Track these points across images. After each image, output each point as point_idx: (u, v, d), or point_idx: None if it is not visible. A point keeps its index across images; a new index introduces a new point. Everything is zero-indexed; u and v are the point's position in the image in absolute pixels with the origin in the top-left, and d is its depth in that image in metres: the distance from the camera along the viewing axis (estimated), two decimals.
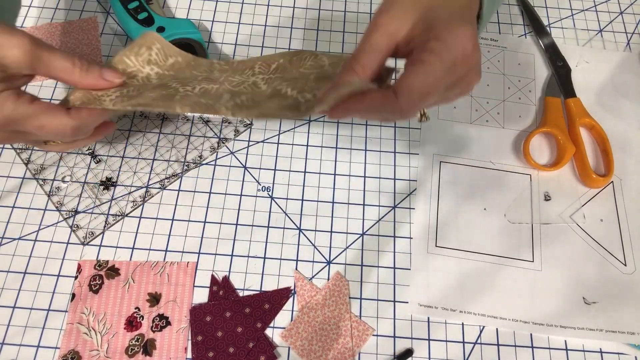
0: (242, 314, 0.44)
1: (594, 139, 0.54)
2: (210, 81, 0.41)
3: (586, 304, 0.46)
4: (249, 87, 0.40)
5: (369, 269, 0.47)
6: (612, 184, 0.52)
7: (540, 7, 0.62)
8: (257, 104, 0.37)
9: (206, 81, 0.41)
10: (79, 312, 0.44)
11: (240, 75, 0.42)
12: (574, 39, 0.60)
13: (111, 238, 0.47)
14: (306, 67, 0.41)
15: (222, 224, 0.48)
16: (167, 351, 0.43)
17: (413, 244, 0.48)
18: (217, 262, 0.47)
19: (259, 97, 0.37)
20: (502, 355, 0.44)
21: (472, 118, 0.55)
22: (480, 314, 0.45)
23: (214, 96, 0.38)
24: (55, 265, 0.46)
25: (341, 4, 0.61)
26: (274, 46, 0.58)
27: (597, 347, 0.45)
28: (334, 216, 0.49)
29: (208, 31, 0.58)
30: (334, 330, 0.44)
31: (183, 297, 0.45)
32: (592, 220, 0.50)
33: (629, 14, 0.62)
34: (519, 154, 0.53)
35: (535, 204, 0.50)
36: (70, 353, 0.42)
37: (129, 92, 0.39)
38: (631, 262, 0.48)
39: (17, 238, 0.47)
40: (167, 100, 0.37)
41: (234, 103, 0.36)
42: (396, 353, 0.44)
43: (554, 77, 0.57)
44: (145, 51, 0.43)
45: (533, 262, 0.48)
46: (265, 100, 0.37)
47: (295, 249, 0.48)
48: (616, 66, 0.58)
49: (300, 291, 0.46)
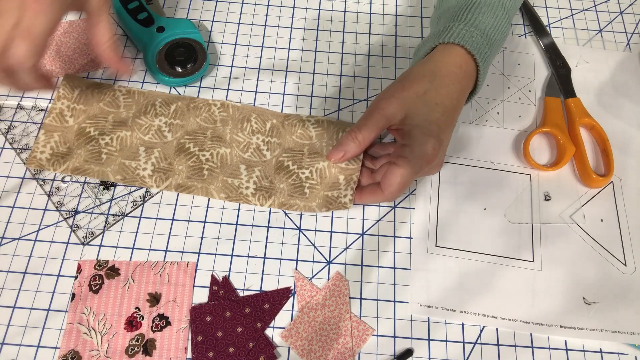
0: (242, 314, 0.44)
1: (594, 139, 0.54)
2: (220, 141, 0.51)
3: (586, 304, 0.46)
4: (256, 152, 0.51)
5: (369, 269, 0.47)
6: (612, 184, 0.52)
7: (540, 7, 0.62)
8: (272, 185, 0.49)
9: (216, 141, 0.51)
10: (79, 312, 0.44)
11: (241, 132, 0.51)
12: (574, 39, 0.60)
13: (111, 238, 0.47)
14: (297, 135, 0.52)
15: (222, 224, 0.48)
16: (167, 351, 0.43)
17: (413, 244, 0.48)
18: (217, 262, 0.47)
19: (269, 171, 0.50)
20: (502, 355, 0.44)
21: (472, 118, 0.55)
22: (481, 314, 0.45)
23: (234, 170, 0.49)
24: (55, 265, 0.46)
25: (341, 4, 0.61)
26: (273, 46, 0.58)
27: (597, 347, 0.45)
28: (334, 216, 0.49)
29: (208, 31, 0.58)
30: (334, 330, 0.44)
31: (183, 297, 0.45)
32: (592, 220, 0.50)
33: (629, 14, 0.62)
34: (519, 154, 0.53)
35: (535, 204, 0.50)
36: (70, 353, 0.42)
37: (159, 162, 0.49)
38: (631, 262, 0.48)
39: (17, 238, 0.47)
40: (200, 181, 0.49)
41: (256, 187, 0.49)
42: (396, 353, 0.44)
43: (554, 77, 0.57)
44: (151, 108, 0.52)
45: (533, 262, 0.48)
46: (274, 175, 0.49)
47: (295, 249, 0.48)
48: (616, 66, 0.58)
49: (300, 291, 0.46)
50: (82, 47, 0.56)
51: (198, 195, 0.48)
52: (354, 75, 0.57)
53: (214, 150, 0.50)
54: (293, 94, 0.55)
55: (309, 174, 0.49)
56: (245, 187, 0.49)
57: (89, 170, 0.48)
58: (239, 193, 0.48)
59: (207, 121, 0.52)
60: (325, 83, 0.56)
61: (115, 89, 0.53)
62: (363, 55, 0.58)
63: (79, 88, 0.52)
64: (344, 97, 0.55)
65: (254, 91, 0.55)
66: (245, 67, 0.56)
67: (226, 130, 0.51)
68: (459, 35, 0.45)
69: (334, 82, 0.56)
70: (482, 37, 0.45)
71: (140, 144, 0.50)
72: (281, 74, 0.56)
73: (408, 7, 0.62)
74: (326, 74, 0.56)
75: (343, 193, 0.48)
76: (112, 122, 0.51)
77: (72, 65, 0.54)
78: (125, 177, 0.48)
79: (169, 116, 0.52)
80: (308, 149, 0.51)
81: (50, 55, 0.54)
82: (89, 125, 0.50)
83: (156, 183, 0.48)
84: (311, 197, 0.48)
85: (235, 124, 0.52)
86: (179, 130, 0.51)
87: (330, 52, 0.58)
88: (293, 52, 0.58)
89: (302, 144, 0.51)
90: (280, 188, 0.49)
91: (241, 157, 0.50)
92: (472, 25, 0.46)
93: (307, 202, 0.48)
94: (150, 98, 0.52)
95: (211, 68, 0.56)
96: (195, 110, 0.52)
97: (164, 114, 0.52)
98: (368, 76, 0.57)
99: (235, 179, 0.49)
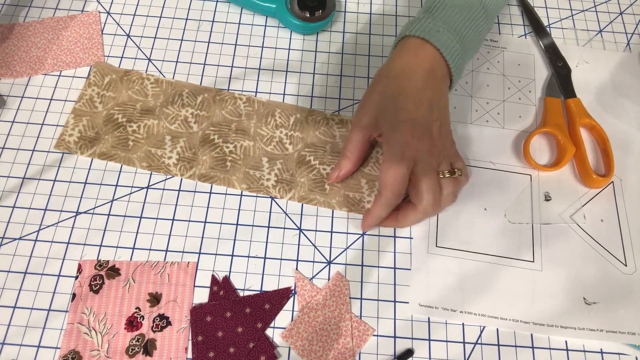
0: (243, 314, 0.44)
1: (594, 139, 0.54)
2: (244, 133, 0.52)
3: (586, 304, 0.46)
4: (278, 146, 0.51)
5: (370, 269, 0.47)
6: (612, 184, 0.52)
7: (540, 7, 0.62)
8: (292, 178, 0.50)
9: (241, 134, 0.52)
10: (80, 312, 0.44)
11: (265, 126, 0.53)
12: (574, 39, 0.60)
13: (111, 238, 0.47)
14: (320, 131, 0.53)
15: (222, 224, 0.48)
16: (168, 351, 0.43)
17: (413, 244, 0.48)
18: (217, 262, 0.47)
19: (290, 164, 0.51)
20: (503, 355, 0.44)
21: (472, 118, 0.55)
22: (481, 314, 0.45)
23: (256, 162, 0.50)
24: (56, 265, 0.46)
25: (341, 4, 0.61)
26: (273, 46, 0.58)
27: (597, 348, 0.45)
28: (334, 216, 0.49)
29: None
30: (335, 330, 0.44)
31: (183, 297, 0.45)
32: (592, 221, 0.50)
33: (629, 14, 0.62)
34: (519, 154, 0.53)
35: (535, 204, 0.50)
36: (70, 353, 0.42)
37: (184, 151, 0.50)
38: (631, 262, 0.48)
39: (17, 238, 0.47)
40: (223, 172, 0.50)
41: (277, 179, 0.50)
42: (396, 353, 0.44)
43: (554, 78, 0.57)
44: (179, 99, 0.53)
45: (533, 262, 0.48)
46: (296, 169, 0.50)
47: (295, 249, 0.48)
48: (616, 66, 0.58)
49: (300, 291, 0.46)
50: (83, 41, 0.56)
51: (220, 185, 0.49)
52: (354, 75, 0.57)
53: (238, 142, 0.51)
54: (293, 94, 0.55)
55: (330, 170, 0.50)
56: (267, 179, 0.50)
57: (116, 156, 0.50)
58: (260, 184, 0.49)
59: (232, 114, 0.53)
60: (325, 83, 0.56)
61: (144, 77, 0.54)
62: (363, 55, 0.58)
63: (109, 76, 0.54)
64: (344, 97, 0.55)
65: (254, 91, 0.55)
66: (246, 68, 0.56)
67: (250, 124, 0.52)
68: (414, 28, 0.46)
69: (334, 82, 0.56)
70: (440, 25, 0.46)
71: (166, 132, 0.51)
72: (281, 74, 0.56)
73: (408, 7, 0.62)
74: (326, 74, 0.56)
75: (366, 199, 0.49)
76: (140, 110, 0.52)
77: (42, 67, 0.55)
78: (151, 164, 0.50)
79: (196, 107, 0.53)
80: (330, 147, 0.52)
81: (19, 57, 0.55)
82: (117, 112, 0.52)
83: (180, 172, 0.50)
84: (331, 194, 0.49)
85: (259, 118, 0.53)
86: (205, 122, 0.52)
87: (330, 52, 0.58)
88: (293, 52, 0.58)
89: (324, 141, 0.52)
90: (301, 182, 0.50)
91: (264, 150, 0.51)
92: (434, 18, 0.47)
93: (327, 199, 0.49)
94: (177, 88, 0.54)
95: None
96: (221, 103, 0.53)
97: (190, 104, 0.53)
98: (368, 76, 0.57)
99: (257, 170, 0.50)
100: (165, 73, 0.55)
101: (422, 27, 0.46)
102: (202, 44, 0.58)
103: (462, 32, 0.47)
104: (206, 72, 0.56)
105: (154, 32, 0.58)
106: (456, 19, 0.47)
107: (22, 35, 0.56)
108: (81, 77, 0.55)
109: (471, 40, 0.48)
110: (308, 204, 0.49)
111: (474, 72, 0.57)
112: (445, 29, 0.46)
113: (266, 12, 0.59)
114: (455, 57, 0.46)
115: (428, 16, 0.47)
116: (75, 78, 0.54)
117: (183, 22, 0.59)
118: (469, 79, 0.57)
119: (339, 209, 0.49)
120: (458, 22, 0.47)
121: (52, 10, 0.58)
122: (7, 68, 0.54)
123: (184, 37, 0.58)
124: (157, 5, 0.60)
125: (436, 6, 0.48)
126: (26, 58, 0.55)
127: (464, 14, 0.48)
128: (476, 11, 0.49)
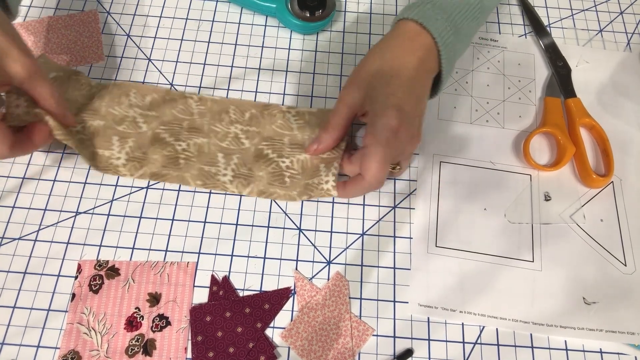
0: (242, 314, 0.44)
1: (594, 139, 0.54)
2: (197, 131, 0.50)
3: (586, 304, 0.46)
4: (234, 141, 0.50)
5: (369, 269, 0.47)
6: (612, 184, 0.52)
7: (540, 7, 0.62)
8: (250, 172, 0.48)
9: (194, 132, 0.50)
10: (79, 312, 0.44)
11: (219, 122, 0.51)
12: (574, 39, 0.60)
13: (111, 238, 0.47)
14: (277, 125, 0.51)
15: (222, 224, 0.48)
16: (167, 351, 0.43)
17: (413, 244, 0.48)
18: (217, 262, 0.47)
19: (248, 159, 0.49)
20: (502, 355, 0.44)
21: (472, 118, 0.55)
22: (480, 314, 0.45)
23: (211, 159, 0.49)
24: (56, 265, 0.46)
25: (341, 4, 0.61)
26: (274, 46, 0.58)
27: (597, 347, 0.45)
28: (334, 216, 0.49)
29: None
30: (334, 330, 0.44)
31: (183, 297, 0.45)
32: (592, 220, 0.50)
33: (629, 14, 0.62)
34: (519, 154, 0.53)
35: (535, 204, 0.50)
36: (70, 353, 0.42)
37: (133, 151, 0.49)
38: (631, 262, 0.48)
39: (17, 238, 0.47)
40: (176, 170, 0.48)
41: (234, 174, 0.48)
42: (396, 353, 0.44)
43: (554, 77, 0.57)
44: (125, 99, 0.52)
45: (533, 262, 0.48)
46: (253, 163, 0.49)
47: (295, 249, 0.48)
48: (616, 66, 0.58)
49: (300, 291, 0.46)
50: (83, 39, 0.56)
51: (172, 182, 0.48)
52: None
53: (191, 140, 0.50)
54: (293, 94, 0.55)
55: (289, 163, 0.49)
56: (223, 175, 0.48)
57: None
58: (216, 180, 0.48)
59: (183, 113, 0.52)
60: (325, 83, 0.56)
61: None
62: (363, 55, 0.58)
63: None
64: None
65: (254, 91, 0.55)
66: (246, 67, 0.56)
67: (204, 121, 0.51)
68: (414, 11, 0.46)
69: (334, 82, 0.56)
70: (439, 13, 0.46)
71: (113, 133, 0.49)
72: (281, 74, 0.56)
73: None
74: (326, 74, 0.56)
75: (324, 179, 0.47)
76: (85, 111, 0.50)
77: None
78: (98, 165, 0.48)
79: (144, 108, 0.52)
80: (289, 139, 0.51)
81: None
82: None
83: (130, 171, 0.48)
84: (292, 187, 0.48)
85: (213, 116, 0.52)
86: (154, 121, 0.51)
87: (330, 52, 0.58)
88: (293, 52, 0.58)
89: (282, 134, 0.51)
90: (259, 176, 0.48)
91: (219, 146, 0.50)
92: (433, 4, 0.47)
93: (288, 191, 0.48)
94: (124, 88, 0.53)
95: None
96: (172, 103, 0.52)
97: (138, 105, 0.52)
98: None
99: (213, 167, 0.49)
100: (165, 73, 0.55)
101: (421, 13, 0.46)
102: (202, 44, 0.58)
103: (458, 23, 0.47)
104: (206, 72, 0.56)
105: (154, 32, 0.58)
106: (454, 9, 0.47)
107: (22, 35, 0.56)
108: None
109: (465, 35, 0.48)
110: (268, 198, 0.48)
111: (474, 71, 0.57)
112: (443, 19, 0.46)
113: (266, 12, 0.59)
114: (448, 49, 0.46)
115: (428, 1, 0.47)
116: None
117: (183, 22, 0.59)
118: (469, 79, 0.57)
119: (300, 199, 0.48)
120: (455, 14, 0.47)
121: (52, 10, 0.58)
122: None
123: (184, 37, 0.58)
124: (157, 5, 0.60)
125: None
126: None
127: (463, 5, 0.48)
128: (474, 5, 0.48)
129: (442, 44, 0.45)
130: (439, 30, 0.45)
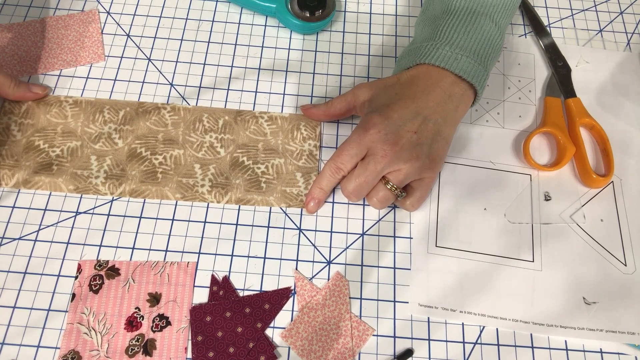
0: (242, 314, 0.44)
1: (594, 139, 0.54)
2: (172, 143, 0.51)
3: (586, 304, 0.46)
4: (209, 151, 0.51)
5: (369, 269, 0.47)
6: (612, 184, 0.52)
7: (540, 7, 0.62)
8: (227, 181, 0.49)
9: (169, 144, 0.51)
10: (79, 312, 0.44)
11: (194, 132, 0.52)
12: (574, 39, 0.60)
13: (111, 238, 0.47)
14: (251, 130, 0.52)
15: (222, 224, 0.48)
16: (167, 351, 0.43)
17: (413, 244, 0.48)
18: (217, 262, 0.47)
19: (224, 168, 0.50)
20: (502, 355, 0.44)
21: (472, 118, 0.55)
22: (481, 314, 0.45)
23: (188, 170, 0.50)
24: (56, 265, 0.46)
25: (341, 4, 0.61)
26: (274, 46, 0.58)
27: (597, 347, 0.45)
28: (334, 216, 0.49)
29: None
30: (334, 330, 0.44)
31: (183, 297, 0.45)
32: (592, 220, 0.50)
33: (629, 14, 0.62)
34: (519, 154, 0.53)
35: (535, 204, 0.50)
36: (70, 353, 0.42)
37: (111, 169, 0.49)
38: (631, 262, 0.48)
39: (17, 238, 0.47)
40: (155, 184, 0.49)
41: (212, 184, 0.49)
42: (396, 353, 0.44)
43: (554, 77, 0.57)
44: (99, 115, 0.52)
45: (533, 262, 0.48)
46: (230, 171, 0.50)
47: (295, 249, 0.48)
48: (616, 66, 0.58)
49: (300, 291, 0.46)
50: (83, 39, 0.56)
51: (153, 198, 0.48)
52: (354, 75, 0.57)
53: (167, 153, 0.50)
54: (293, 94, 0.55)
55: (264, 169, 0.50)
56: (201, 185, 0.49)
57: (40, 182, 0.48)
58: (195, 192, 0.49)
59: (157, 124, 0.52)
60: (325, 83, 0.56)
61: (62, 100, 0.53)
62: (363, 55, 0.58)
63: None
64: None
65: (254, 91, 0.55)
66: (246, 67, 0.56)
67: (178, 132, 0.52)
68: (439, 56, 0.46)
69: (334, 82, 0.56)
70: (463, 53, 0.46)
71: (91, 152, 0.50)
72: (281, 74, 0.56)
73: (408, 7, 0.62)
74: (326, 74, 0.56)
75: (304, 192, 0.49)
76: (62, 134, 0.51)
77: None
78: (78, 186, 0.48)
79: (118, 122, 0.52)
80: (263, 145, 0.52)
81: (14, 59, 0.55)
82: (38, 139, 0.50)
83: (110, 190, 0.48)
84: (268, 192, 0.49)
85: (187, 126, 0.52)
86: (130, 136, 0.51)
87: (330, 52, 0.58)
88: (293, 52, 0.58)
89: (256, 140, 0.52)
90: (236, 184, 0.49)
91: (195, 157, 0.50)
92: (455, 45, 0.47)
93: (265, 197, 0.49)
94: (97, 105, 0.52)
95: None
96: (145, 115, 0.52)
97: (112, 120, 0.52)
98: (368, 76, 0.57)
99: (190, 178, 0.49)
100: (165, 73, 0.55)
101: (441, 56, 0.46)
102: (202, 44, 0.58)
103: (481, 53, 0.47)
104: (206, 72, 0.56)
105: (154, 32, 0.58)
106: (472, 42, 0.47)
107: (22, 35, 0.56)
108: (81, 77, 0.55)
109: (493, 58, 0.49)
110: (246, 205, 0.49)
111: None
112: (464, 55, 0.46)
113: (266, 12, 0.59)
114: (480, 79, 0.47)
115: (443, 44, 0.47)
116: (75, 77, 0.54)
117: (183, 22, 0.59)
118: None
119: (278, 205, 0.49)
120: (475, 45, 0.47)
121: (52, 10, 0.58)
122: (7, 67, 0.54)
123: (184, 37, 0.58)
124: (157, 5, 0.60)
125: (445, 30, 0.48)
126: (26, 57, 0.55)
127: (477, 35, 0.47)
128: (489, 31, 0.48)
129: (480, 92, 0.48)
130: (480, 83, 0.47)
